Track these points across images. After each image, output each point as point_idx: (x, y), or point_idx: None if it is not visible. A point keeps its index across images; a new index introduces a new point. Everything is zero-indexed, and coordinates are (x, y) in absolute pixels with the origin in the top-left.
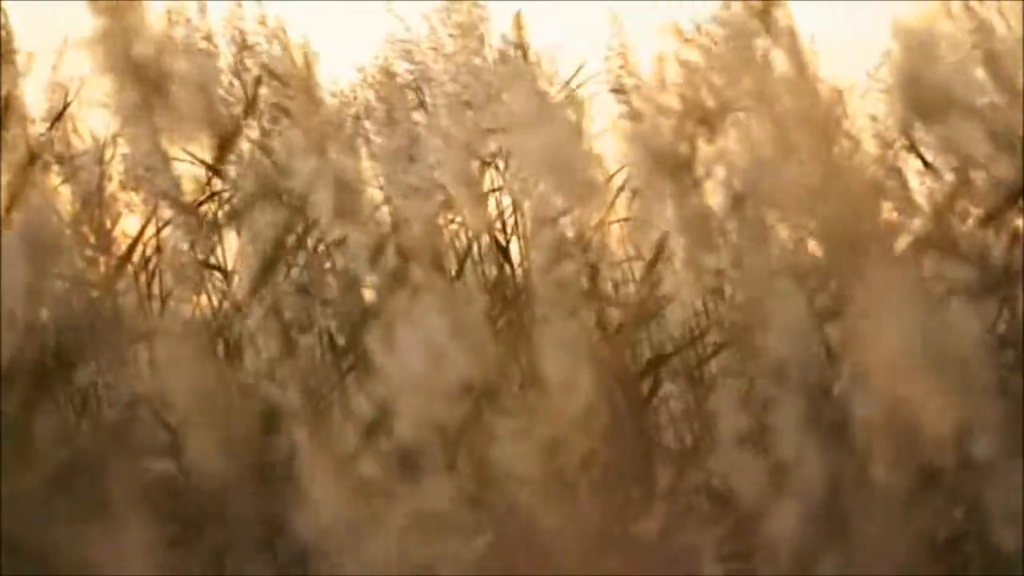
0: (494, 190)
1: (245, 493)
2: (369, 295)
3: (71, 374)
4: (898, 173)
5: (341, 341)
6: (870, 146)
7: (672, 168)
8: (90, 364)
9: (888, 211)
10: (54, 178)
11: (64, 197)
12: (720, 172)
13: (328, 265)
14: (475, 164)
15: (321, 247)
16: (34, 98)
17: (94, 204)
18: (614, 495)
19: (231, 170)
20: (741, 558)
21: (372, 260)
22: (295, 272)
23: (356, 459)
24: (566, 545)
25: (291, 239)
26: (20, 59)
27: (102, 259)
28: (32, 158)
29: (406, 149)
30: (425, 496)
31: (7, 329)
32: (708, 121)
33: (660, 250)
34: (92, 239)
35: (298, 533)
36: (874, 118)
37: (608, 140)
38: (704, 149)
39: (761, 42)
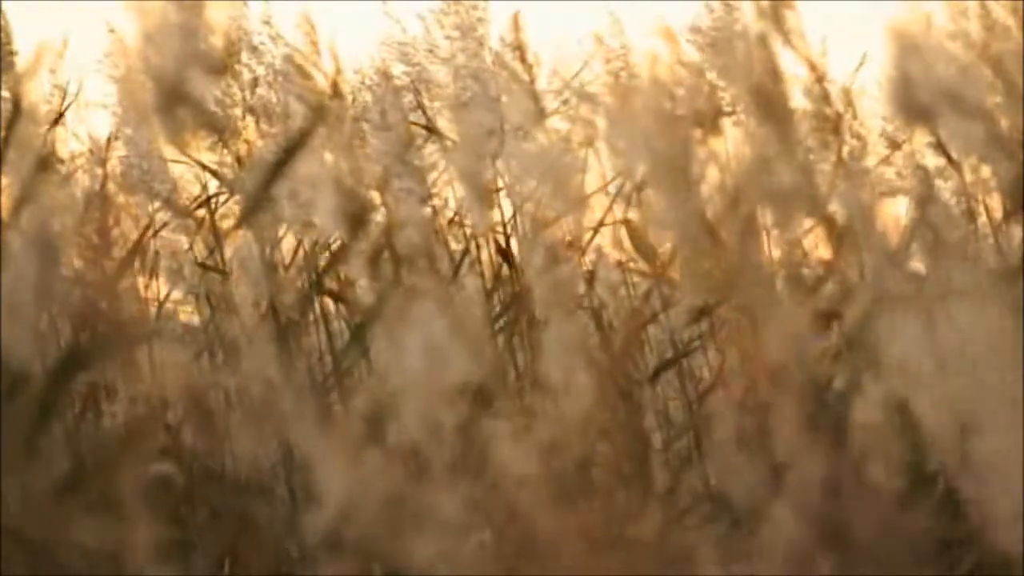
0: (495, 191)
1: (248, 493)
2: (368, 297)
3: (78, 377)
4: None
5: (341, 343)
6: (879, 146)
7: (672, 169)
8: (95, 367)
9: (891, 210)
10: (54, 180)
11: (63, 199)
12: (719, 173)
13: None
14: (478, 166)
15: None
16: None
17: (96, 206)
18: (613, 496)
19: (229, 172)
20: (739, 559)
21: (371, 262)
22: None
23: (358, 460)
24: (565, 546)
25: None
26: (25, 60)
27: (105, 262)
28: (44, 160)
29: (403, 151)
30: (426, 497)
31: (18, 331)
32: (708, 121)
33: (669, 259)
34: (94, 241)
35: (301, 533)
36: (883, 118)
37: (607, 142)
38: (703, 150)
39: (762, 42)
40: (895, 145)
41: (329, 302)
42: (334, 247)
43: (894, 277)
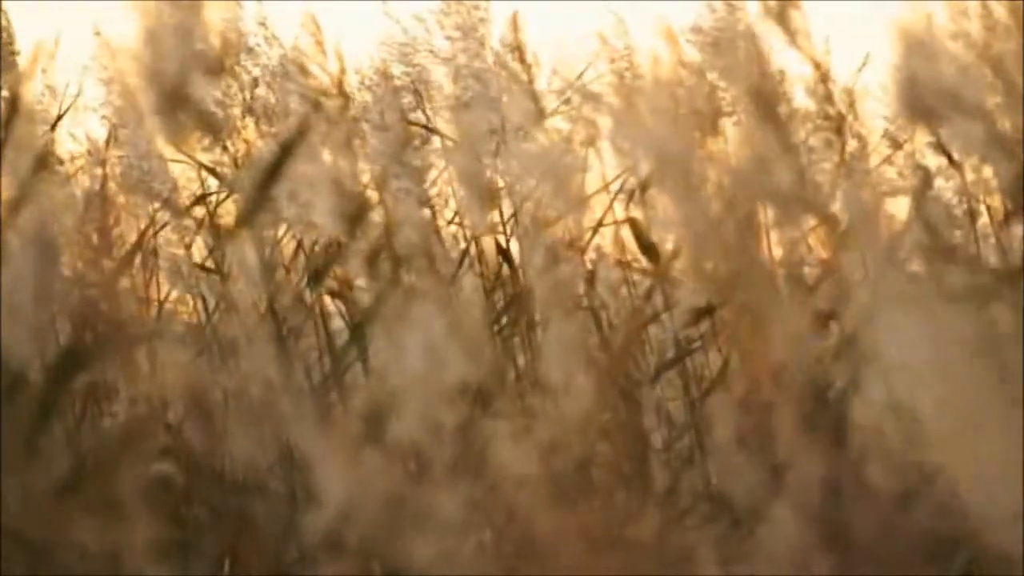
0: (496, 191)
1: (248, 493)
2: (368, 297)
3: (78, 377)
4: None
5: (341, 343)
6: (881, 146)
7: (675, 169)
8: (95, 367)
9: (891, 212)
10: (55, 180)
11: (64, 199)
12: (720, 173)
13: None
14: (478, 166)
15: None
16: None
17: (96, 206)
18: (613, 497)
19: (228, 172)
20: (739, 560)
21: (370, 262)
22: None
23: (357, 460)
24: (565, 547)
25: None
26: (24, 60)
27: (104, 261)
28: (41, 160)
29: (401, 151)
30: (425, 497)
31: (18, 331)
32: (711, 122)
33: (671, 257)
34: (94, 241)
35: (300, 533)
36: (885, 118)
37: (609, 141)
38: (706, 150)
39: (764, 42)
40: (896, 145)
41: (329, 302)
42: (333, 247)
43: (894, 277)
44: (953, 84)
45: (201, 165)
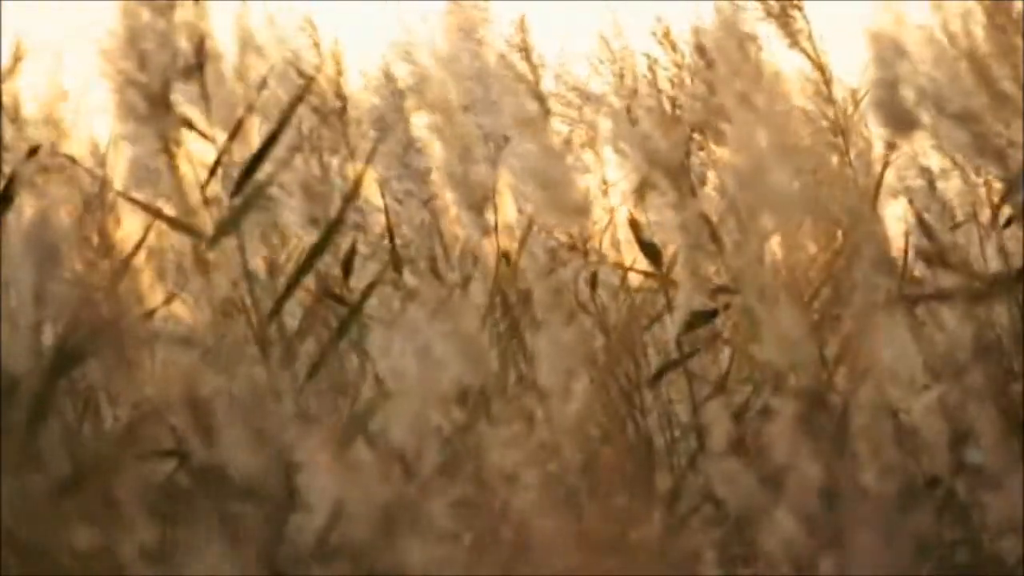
0: (498, 193)
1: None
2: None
3: (70, 374)
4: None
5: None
6: (880, 147)
7: (671, 173)
8: (86, 364)
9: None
10: (56, 180)
11: (67, 200)
12: (718, 177)
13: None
14: (476, 168)
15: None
16: (35, 100)
17: (97, 207)
18: (613, 500)
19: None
20: (740, 562)
21: (364, 264)
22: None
23: (355, 461)
24: (567, 550)
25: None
26: (9, 59)
27: (105, 262)
28: (42, 161)
29: (403, 153)
30: (424, 501)
31: (16, 332)
32: (710, 124)
33: (672, 260)
34: (95, 242)
35: (298, 536)
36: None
37: (612, 143)
38: (702, 154)
39: (761, 44)
40: (893, 147)
41: (328, 304)
42: (332, 249)
43: (894, 280)
44: (940, 88)
45: (205, 166)
